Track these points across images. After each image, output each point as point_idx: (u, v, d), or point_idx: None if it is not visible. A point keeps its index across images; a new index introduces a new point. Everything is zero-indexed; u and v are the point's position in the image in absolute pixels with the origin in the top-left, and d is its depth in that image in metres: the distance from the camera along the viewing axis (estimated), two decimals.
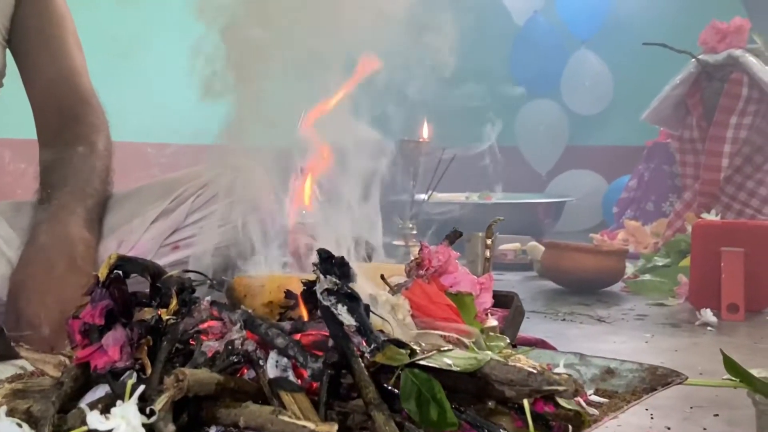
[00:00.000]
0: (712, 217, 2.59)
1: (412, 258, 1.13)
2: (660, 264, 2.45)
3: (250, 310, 0.88)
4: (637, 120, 3.10)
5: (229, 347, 0.85)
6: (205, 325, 0.86)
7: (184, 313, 0.87)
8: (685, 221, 2.73)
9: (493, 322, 1.19)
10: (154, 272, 0.90)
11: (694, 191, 2.83)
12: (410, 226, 2.66)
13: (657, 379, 1.00)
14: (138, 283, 0.94)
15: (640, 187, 3.41)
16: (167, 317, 0.86)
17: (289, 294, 0.96)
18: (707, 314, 1.90)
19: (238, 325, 0.87)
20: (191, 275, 0.92)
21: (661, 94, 2.96)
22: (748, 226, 2.15)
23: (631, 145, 3.86)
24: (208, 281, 0.99)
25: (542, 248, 2.57)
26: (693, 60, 2.82)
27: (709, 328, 1.87)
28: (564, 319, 1.99)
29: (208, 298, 0.90)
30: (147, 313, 0.88)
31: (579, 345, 1.60)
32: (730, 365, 1.01)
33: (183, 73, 1.37)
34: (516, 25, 4.37)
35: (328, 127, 1.33)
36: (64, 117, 1.49)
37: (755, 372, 1.06)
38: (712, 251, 2.02)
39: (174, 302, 0.87)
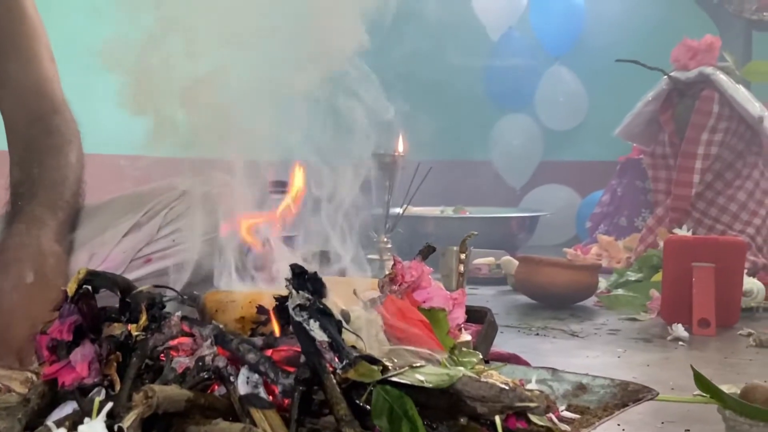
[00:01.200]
0: (683, 232, 2.62)
1: (386, 272, 1.13)
2: (632, 279, 2.47)
3: (221, 326, 0.87)
4: (610, 136, 3.13)
5: (200, 363, 0.84)
6: (176, 341, 0.85)
7: (154, 328, 0.86)
8: (657, 236, 2.75)
9: (466, 337, 1.19)
10: (123, 287, 0.89)
11: (666, 207, 2.85)
12: (385, 240, 2.65)
13: (629, 395, 1.01)
14: (108, 298, 0.93)
15: (613, 202, 3.44)
16: (137, 333, 0.85)
17: (261, 309, 0.96)
18: (679, 329, 1.92)
19: (209, 340, 0.87)
20: (162, 290, 0.92)
21: (633, 111, 2.99)
22: (718, 242, 2.18)
23: (605, 161, 3.89)
24: (179, 296, 0.98)
25: (516, 262, 2.58)
26: (665, 77, 2.86)
27: (680, 342, 1.88)
28: (537, 334, 1.99)
29: (179, 313, 0.89)
30: (116, 329, 0.87)
31: (552, 360, 1.61)
32: (701, 381, 1.02)
33: (161, 84, 1.36)
34: (491, 40, 4.40)
35: (301, 142, 1.33)
36: (35, 127, 1.47)
37: (725, 388, 1.07)
38: (684, 266, 2.04)
39: (144, 317, 0.86)
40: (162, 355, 0.87)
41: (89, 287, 0.88)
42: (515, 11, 4.34)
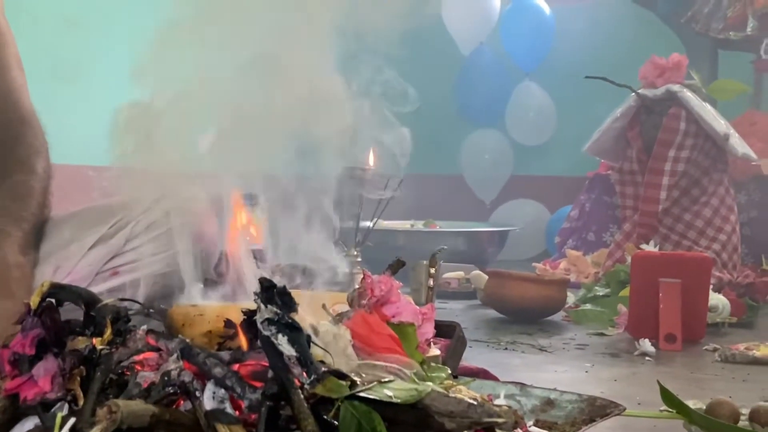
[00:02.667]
0: (650, 248, 2.64)
1: (357, 286, 1.13)
2: (600, 294, 2.48)
3: (188, 340, 0.86)
4: (579, 151, 3.15)
5: (165, 378, 0.83)
6: (141, 356, 0.84)
7: (118, 342, 0.85)
8: (625, 252, 2.77)
9: (435, 351, 1.19)
10: (88, 300, 0.88)
11: (634, 222, 2.88)
12: (355, 253, 2.65)
13: (596, 410, 1.01)
14: (72, 311, 0.92)
15: (582, 217, 3.46)
16: (101, 347, 0.84)
17: (228, 323, 0.95)
18: (645, 344, 1.93)
19: (175, 354, 0.86)
20: (128, 303, 0.90)
21: (602, 127, 3.02)
22: (685, 258, 2.20)
23: (574, 176, 3.92)
24: (145, 309, 0.97)
25: (485, 277, 2.59)
26: (633, 94, 2.89)
27: (647, 358, 1.90)
28: (506, 348, 2.00)
29: (144, 327, 0.88)
30: (80, 343, 0.85)
31: (520, 374, 1.61)
32: (667, 397, 1.02)
33: (128, 95, 1.35)
34: (462, 55, 4.43)
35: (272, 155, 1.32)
36: (2, 137, 1.45)
37: (691, 403, 1.08)
38: (651, 282, 2.06)
39: (108, 331, 0.85)
40: (126, 369, 0.86)
41: (53, 300, 0.87)
42: (486, 27, 4.38)
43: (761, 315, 2.46)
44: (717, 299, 2.25)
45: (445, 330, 1.33)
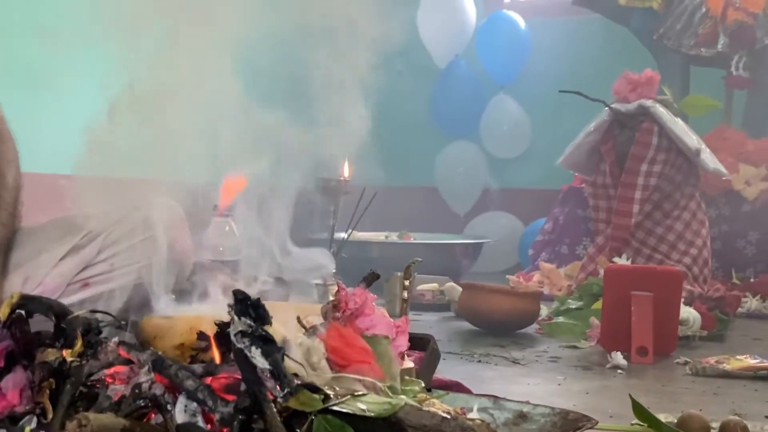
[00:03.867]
0: (623, 261, 2.66)
1: (331, 297, 1.13)
2: (573, 306, 2.49)
3: (159, 352, 0.85)
4: (553, 164, 3.17)
5: (136, 390, 0.82)
6: (112, 370, 0.83)
7: (89, 354, 0.84)
8: (598, 265, 2.79)
9: (409, 364, 1.19)
10: (58, 312, 0.87)
11: (607, 236, 2.90)
12: None
13: (568, 424, 1.01)
14: (42, 323, 0.90)
15: (555, 230, 3.48)
16: (71, 359, 0.83)
17: (201, 335, 0.94)
18: (618, 357, 1.94)
19: (147, 366, 0.85)
20: (99, 315, 0.90)
21: (575, 141, 3.04)
22: (656, 271, 2.22)
23: (547, 189, 3.95)
24: (116, 321, 0.96)
25: (459, 289, 2.59)
26: (606, 108, 2.92)
27: (619, 371, 1.91)
28: (480, 361, 2.00)
29: (116, 339, 0.87)
30: (50, 355, 0.84)
31: (494, 387, 1.61)
32: (639, 411, 1.03)
33: (101, 104, 1.34)
34: (437, 68, 4.45)
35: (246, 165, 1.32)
36: None
37: (662, 417, 1.09)
38: (623, 295, 2.07)
39: (79, 343, 0.84)
40: (97, 382, 0.85)
41: (22, 312, 0.85)
42: (462, 40, 4.40)
43: (731, 328, 2.49)
44: (688, 312, 2.27)
45: (418, 343, 1.33)
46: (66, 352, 0.83)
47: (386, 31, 1.73)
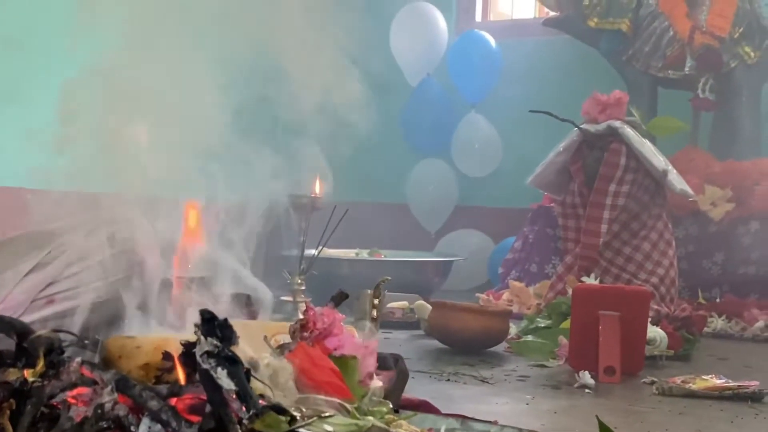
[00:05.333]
0: (591, 280, 2.68)
1: (300, 316, 1.12)
2: (542, 325, 2.50)
3: (123, 372, 0.84)
4: (523, 183, 3.19)
5: (99, 411, 0.81)
6: (75, 391, 0.82)
7: (51, 374, 0.83)
8: (566, 284, 2.81)
9: (377, 383, 1.18)
10: (20, 330, 0.85)
11: (575, 255, 2.92)
12: (299, 281, 2.63)
13: None
14: (3, 341, 0.89)
15: (525, 248, 3.50)
16: (33, 379, 0.82)
17: (166, 356, 0.93)
18: (585, 376, 1.95)
19: (110, 386, 0.84)
20: (62, 334, 0.88)
21: (545, 160, 3.06)
22: (624, 291, 2.24)
23: (517, 207, 3.97)
24: (80, 341, 0.94)
25: (429, 307, 2.59)
26: (576, 129, 2.94)
27: (587, 390, 1.92)
28: (449, 380, 2.00)
29: (79, 358, 0.85)
30: (11, 375, 0.83)
31: (462, 406, 1.61)
32: (605, 431, 1.03)
33: (67, 117, 1.33)
34: (409, 86, 4.47)
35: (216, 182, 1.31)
36: None
37: None
38: (591, 314, 2.08)
39: (41, 363, 0.83)
40: (59, 403, 0.83)
41: None
42: (434, 59, 4.43)
43: (697, 348, 2.51)
44: (655, 332, 2.29)
45: (387, 362, 1.33)
46: (27, 372, 0.82)
47: (359, 49, 1.74)
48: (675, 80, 3.60)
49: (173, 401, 0.82)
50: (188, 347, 0.87)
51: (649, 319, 2.23)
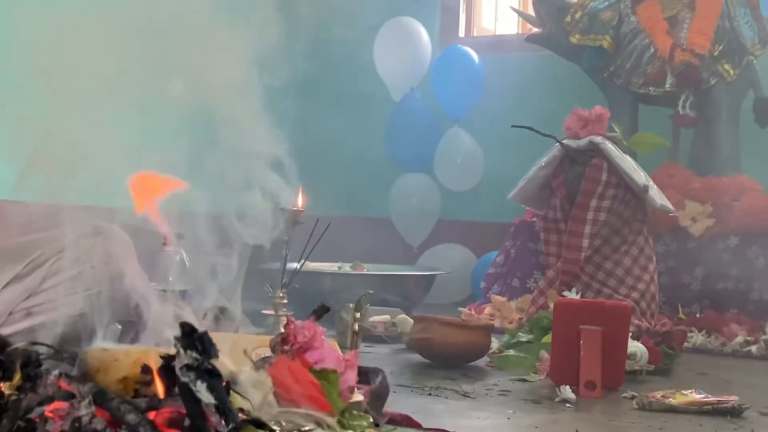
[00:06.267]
0: (572, 295, 2.69)
1: (281, 330, 1.12)
2: (523, 340, 2.51)
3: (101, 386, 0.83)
4: (505, 198, 3.20)
5: (76, 425, 0.80)
6: (51, 406, 0.81)
7: (28, 388, 0.82)
8: (548, 298, 2.82)
9: (358, 397, 1.18)
10: None
11: (557, 269, 2.93)
12: (281, 295, 2.62)
13: None
14: None
15: (507, 263, 3.50)
16: (9, 392, 0.81)
17: (145, 369, 0.92)
18: (566, 391, 1.96)
19: (87, 399, 0.83)
20: (39, 347, 0.87)
21: (527, 175, 3.08)
22: (605, 306, 2.24)
23: (500, 222, 3.98)
24: (58, 354, 0.93)
25: (411, 321, 2.59)
26: (557, 144, 2.96)
27: (568, 404, 1.92)
28: (430, 394, 1.99)
29: (56, 371, 0.85)
30: None
31: (444, 421, 1.61)
32: None
33: (45, 128, 1.32)
34: (392, 100, 4.48)
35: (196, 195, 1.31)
36: None
37: None
38: (572, 329, 2.09)
39: (18, 376, 0.82)
40: (36, 416, 0.82)
41: None
42: (417, 74, 4.44)
43: (677, 363, 2.52)
44: (635, 347, 2.30)
45: (368, 376, 1.32)
46: (4, 385, 0.81)
47: (343, 63, 1.74)
48: (656, 97, 3.63)
49: (152, 415, 0.81)
50: (167, 360, 0.87)
51: (630, 334, 2.24)
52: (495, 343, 2.54)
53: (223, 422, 0.79)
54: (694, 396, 1.93)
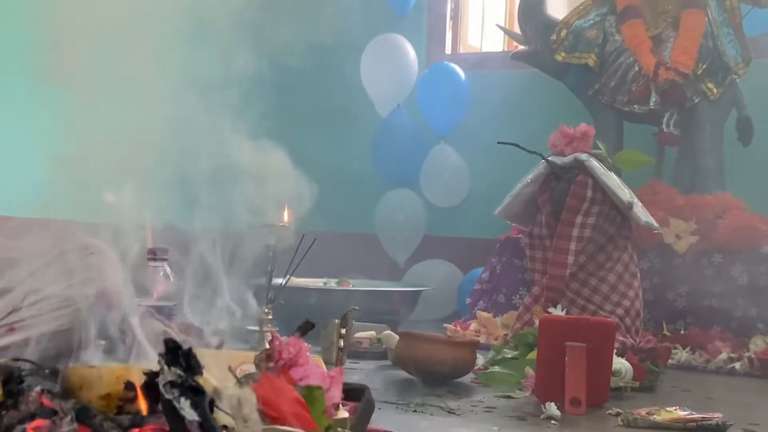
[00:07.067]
0: (558, 311, 2.70)
1: (267, 346, 1.11)
2: (509, 356, 2.51)
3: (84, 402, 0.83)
4: (491, 214, 3.21)
5: None
6: (33, 423, 0.80)
7: (9, 404, 0.81)
8: (533, 315, 2.82)
9: (343, 414, 1.17)
10: None
11: (542, 285, 2.93)
12: (266, 310, 2.61)
13: None
14: None
15: (492, 279, 3.51)
16: None
17: (128, 385, 0.91)
18: (551, 408, 1.96)
19: (70, 417, 0.82)
20: (21, 363, 0.86)
21: (513, 191, 3.09)
22: (590, 322, 2.25)
23: (486, 238, 3.99)
24: (40, 370, 0.93)
25: (396, 337, 2.59)
26: (543, 161, 2.97)
27: (553, 421, 1.92)
28: (415, 411, 1.99)
29: (38, 388, 0.84)
30: None
31: None
32: None
33: (31, 143, 1.32)
34: (379, 116, 4.49)
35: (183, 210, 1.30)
36: None
37: None
38: (557, 345, 2.09)
39: None
40: None
41: None
42: (404, 90, 4.46)
43: (662, 380, 2.53)
44: (620, 364, 2.30)
45: (353, 393, 1.32)
46: None
47: (330, 78, 1.75)
48: (640, 114, 3.65)
49: None
50: (151, 377, 0.86)
51: (615, 351, 2.25)
52: (480, 360, 2.54)
53: None
54: (679, 413, 1.93)
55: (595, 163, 2.89)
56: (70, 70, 1.20)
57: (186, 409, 0.79)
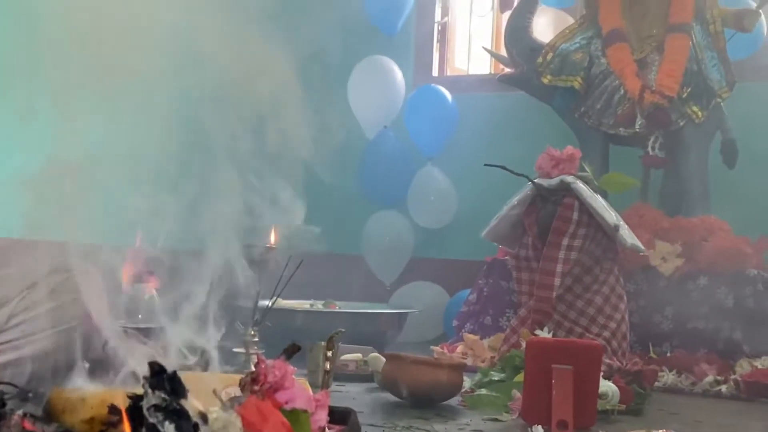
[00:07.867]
0: (544, 334, 2.69)
1: (252, 368, 1.10)
2: (496, 378, 2.50)
3: (67, 427, 0.82)
4: (478, 236, 3.21)
5: None
6: None
7: None
8: (520, 337, 2.82)
9: None
10: None
11: (529, 308, 2.93)
12: (252, 332, 2.60)
13: None
14: None
15: (479, 301, 3.51)
16: None
17: (112, 409, 0.90)
18: (538, 431, 1.95)
19: None
20: (4, 386, 0.85)
21: (500, 213, 3.09)
22: (576, 345, 2.25)
23: (472, 260, 3.99)
24: (23, 393, 0.92)
25: (383, 360, 2.57)
26: (530, 183, 2.98)
27: None
28: None
29: (21, 411, 0.83)
30: None
31: None
32: None
33: (13, 162, 1.31)
34: (366, 138, 4.50)
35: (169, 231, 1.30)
36: None
37: None
38: (544, 368, 2.09)
39: None
40: None
41: None
42: (391, 112, 4.48)
43: (648, 402, 2.53)
44: (607, 386, 2.30)
45: (339, 416, 1.31)
46: None
47: (317, 100, 1.76)
48: (626, 137, 3.68)
49: None
50: (135, 400, 0.85)
51: (602, 373, 2.24)
52: (467, 382, 2.53)
53: None
54: None
55: (581, 186, 2.90)
56: (52, 87, 1.20)
57: None
